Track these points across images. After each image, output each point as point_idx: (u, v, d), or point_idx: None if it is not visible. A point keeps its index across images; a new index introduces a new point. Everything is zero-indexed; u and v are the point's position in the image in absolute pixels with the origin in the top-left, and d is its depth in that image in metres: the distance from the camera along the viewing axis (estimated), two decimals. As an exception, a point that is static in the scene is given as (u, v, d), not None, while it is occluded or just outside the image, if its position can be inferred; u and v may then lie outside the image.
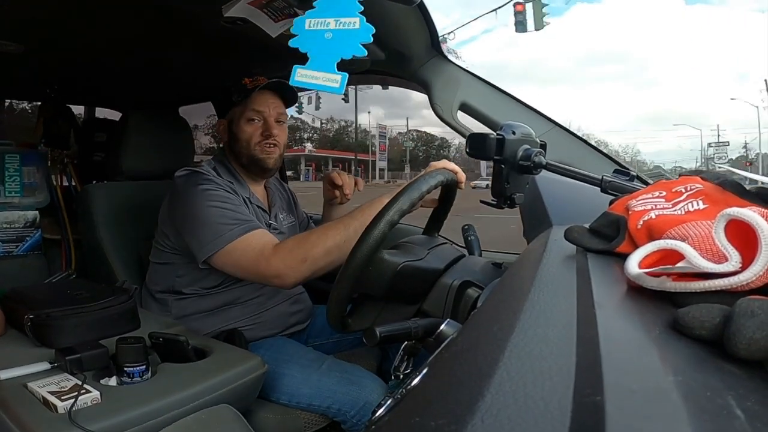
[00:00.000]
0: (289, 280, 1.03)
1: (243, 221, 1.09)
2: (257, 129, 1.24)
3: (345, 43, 0.72)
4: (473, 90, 1.24)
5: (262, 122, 1.24)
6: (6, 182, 1.61)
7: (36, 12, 1.09)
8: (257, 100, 1.23)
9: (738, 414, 0.18)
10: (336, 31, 0.73)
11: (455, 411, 0.21)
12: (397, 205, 0.72)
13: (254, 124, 1.24)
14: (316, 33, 0.74)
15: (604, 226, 0.46)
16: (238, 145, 1.25)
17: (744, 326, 0.23)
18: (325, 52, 0.73)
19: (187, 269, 1.19)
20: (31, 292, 1.10)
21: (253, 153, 1.24)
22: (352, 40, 0.72)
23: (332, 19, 0.73)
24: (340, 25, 0.72)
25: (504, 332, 0.28)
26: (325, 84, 0.73)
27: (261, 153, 1.24)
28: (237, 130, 1.24)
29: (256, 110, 1.23)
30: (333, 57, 0.72)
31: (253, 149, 1.24)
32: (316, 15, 0.74)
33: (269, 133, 1.24)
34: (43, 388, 0.77)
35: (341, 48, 0.72)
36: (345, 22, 0.72)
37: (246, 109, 1.23)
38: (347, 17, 0.72)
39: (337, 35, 0.73)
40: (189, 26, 1.20)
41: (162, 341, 0.93)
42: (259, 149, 1.24)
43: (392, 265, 0.75)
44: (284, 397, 1.08)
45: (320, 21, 0.73)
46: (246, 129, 1.24)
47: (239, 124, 1.24)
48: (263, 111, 1.24)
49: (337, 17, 0.72)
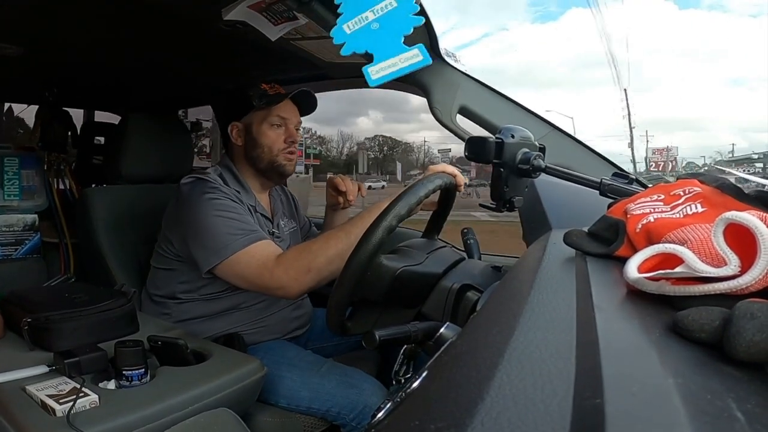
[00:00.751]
0: (293, 291, 1.04)
1: (248, 231, 1.09)
2: (280, 135, 1.24)
3: (397, 22, 0.71)
4: (472, 93, 1.24)
5: (284, 128, 1.24)
6: (5, 185, 1.61)
7: (34, 14, 1.09)
8: (282, 106, 1.23)
9: (738, 416, 0.18)
10: (380, 19, 0.71)
11: (455, 414, 0.21)
12: (395, 210, 0.72)
13: (277, 129, 1.23)
14: (361, 31, 0.72)
15: (603, 230, 0.46)
16: (259, 150, 1.23)
17: (744, 329, 0.23)
18: (384, 40, 0.71)
19: (190, 276, 1.18)
20: (30, 295, 1.10)
21: (276, 159, 1.24)
22: (401, 16, 0.70)
23: (368, 12, 0.72)
24: (379, 12, 0.71)
25: (503, 335, 0.28)
26: (408, 64, 0.71)
27: (284, 159, 1.24)
28: (258, 134, 1.23)
29: (280, 116, 1.23)
30: (395, 39, 0.71)
31: (275, 155, 1.23)
32: (350, 17, 0.73)
33: (293, 139, 1.25)
34: (42, 392, 0.77)
35: (396, 28, 0.71)
36: (381, 7, 0.71)
37: (269, 115, 1.22)
38: (380, 2, 0.71)
39: (383, 21, 0.71)
40: (189, 29, 1.20)
41: (161, 344, 0.93)
42: (282, 156, 1.24)
43: (390, 270, 0.74)
44: (283, 400, 1.08)
45: (357, 19, 0.72)
46: (269, 134, 1.23)
47: (261, 129, 1.23)
48: (287, 118, 1.24)
49: (371, 7, 0.71)
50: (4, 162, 1.61)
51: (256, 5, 0.91)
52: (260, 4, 0.91)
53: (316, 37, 1.07)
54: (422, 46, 0.70)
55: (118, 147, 1.50)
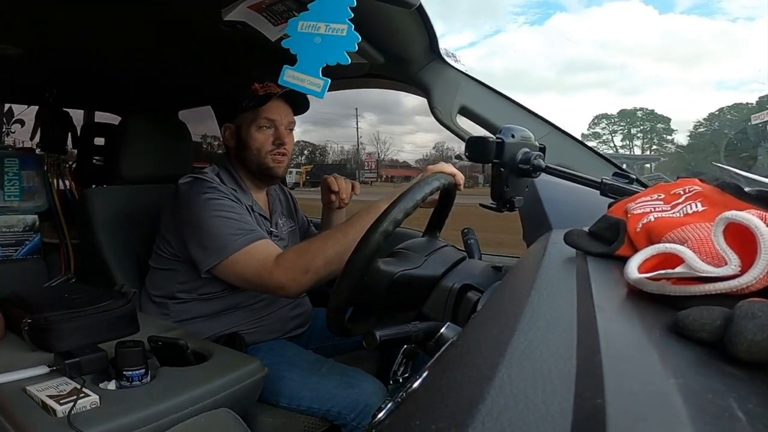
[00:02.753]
0: (292, 291, 1.04)
1: (247, 231, 1.09)
2: (268, 137, 1.22)
3: (331, 49, 0.73)
4: (472, 93, 1.24)
5: (273, 130, 1.23)
6: (5, 186, 1.61)
7: (35, 15, 1.09)
8: (270, 107, 1.21)
9: (739, 416, 0.18)
10: (325, 36, 0.74)
11: (456, 414, 0.21)
12: (392, 215, 0.71)
13: (266, 131, 1.22)
14: (306, 36, 0.75)
15: (604, 230, 0.46)
16: (248, 152, 1.23)
17: (745, 328, 0.23)
18: (313, 56, 0.74)
19: (189, 276, 1.18)
20: (30, 296, 1.10)
21: (264, 161, 1.23)
22: (338, 46, 0.73)
23: (323, 24, 0.74)
24: (329, 30, 0.74)
25: (504, 335, 0.28)
26: (309, 87, 0.75)
27: (272, 162, 1.23)
28: (247, 137, 1.22)
29: (268, 118, 1.21)
30: (319, 61, 0.74)
31: (263, 157, 1.22)
32: (309, 18, 0.75)
33: (281, 141, 1.23)
34: (42, 392, 0.77)
35: (327, 53, 0.73)
36: (334, 28, 0.73)
37: (257, 117, 1.21)
38: (337, 23, 0.73)
39: (325, 40, 0.74)
40: (188, 30, 1.20)
41: (161, 345, 0.93)
42: (270, 158, 1.23)
43: (388, 275, 0.74)
44: (284, 400, 1.08)
45: (312, 24, 0.75)
46: (257, 136, 1.22)
47: (249, 131, 1.22)
48: (276, 119, 1.22)
49: (328, 22, 0.74)
50: (5, 163, 1.61)
51: (256, 6, 0.91)
52: (260, 5, 0.90)
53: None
54: (328, 81, 0.74)
55: (118, 148, 1.50)
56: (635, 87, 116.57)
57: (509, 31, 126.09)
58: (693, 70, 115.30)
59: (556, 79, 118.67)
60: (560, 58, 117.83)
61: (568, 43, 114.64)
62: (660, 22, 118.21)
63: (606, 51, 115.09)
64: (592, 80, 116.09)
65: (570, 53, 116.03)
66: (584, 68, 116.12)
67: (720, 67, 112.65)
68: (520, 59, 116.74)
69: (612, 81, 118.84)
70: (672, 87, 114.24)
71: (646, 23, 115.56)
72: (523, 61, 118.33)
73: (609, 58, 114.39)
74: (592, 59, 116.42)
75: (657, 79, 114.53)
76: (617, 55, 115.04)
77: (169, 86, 1.78)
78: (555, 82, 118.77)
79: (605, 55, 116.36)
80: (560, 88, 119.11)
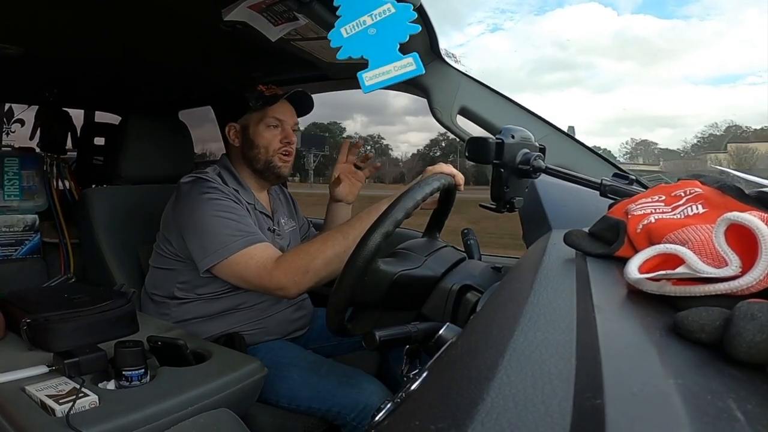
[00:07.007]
0: (291, 291, 1.05)
1: (247, 233, 1.09)
2: (276, 136, 1.25)
3: (393, 29, 0.70)
4: (473, 94, 1.24)
5: (280, 129, 1.26)
6: (5, 186, 1.60)
7: (35, 14, 1.09)
8: (277, 108, 1.24)
9: (738, 417, 0.18)
10: (377, 24, 0.70)
11: (455, 415, 0.21)
12: (392, 215, 0.71)
13: (273, 130, 1.25)
14: (358, 36, 0.72)
15: (604, 230, 0.46)
16: (255, 150, 1.25)
17: (744, 329, 0.23)
18: (380, 46, 0.71)
19: (189, 276, 1.18)
20: (30, 296, 1.10)
21: (271, 159, 1.25)
22: (397, 23, 0.70)
23: (366, 16, 0.71)
24: (376, 17, 0.70)
25: (504, 336, 0.28)
26: (402, 72, 0.70)
27: (279, 161, 1.25)
28: (255, 135, 1.24)
29: (276, 117, 1.25)
30: (390, 45, 0.70)
31: (271, 156, 1.25)
32: (347, 20, 0.72)
33: (288, 140, 1.26)
34: (41, 392, 0.77)
35: (393, 34, 0.70)
36: (379, 12, 0.70)
37: (265, 116, 1.24)
38: (378, 7, 0.70)
39: (380, 26, 0.70)
40: (189, 30, 1.20)
41: (161, 345, 0.93)
42: (278, 157, 1.25)
43: (388, 275, 0.74)
44: (284, 400, 1.08)
45: (355, 23, 0.71)
46: (265, 135, 1.24)
47: (258, 130, 1.24)
48: (283, 119, 1.25)
49: (370, 12, 0.70)
50: (5, 162, 1.61)
51: (256, 6, 0.91)
52: (260, 5, 0.90)
53: (316, 37, 1.07)
54: (416, 55, 0.69)
55: (118, 147, 1.50)
56: (605, 84, 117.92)
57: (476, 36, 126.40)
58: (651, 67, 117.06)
59: (527, 79, 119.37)
60: (529, 58, 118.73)
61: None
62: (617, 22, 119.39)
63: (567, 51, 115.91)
64: (563, 79, 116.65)
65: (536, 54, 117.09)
66: (553, 68, 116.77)
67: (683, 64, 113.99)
68: (490, 61, 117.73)
69: (583, 79, 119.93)
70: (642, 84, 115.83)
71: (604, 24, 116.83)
72: (496, 61, 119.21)
73: (574, 58, 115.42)
74: (558, 59, 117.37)
75: (625, 77, 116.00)
76: (581, 55, 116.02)
77: (169, 86, 1.78)
78: (528, 83, 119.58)
79: (568, 55, 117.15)
80: (535, 87, 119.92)
